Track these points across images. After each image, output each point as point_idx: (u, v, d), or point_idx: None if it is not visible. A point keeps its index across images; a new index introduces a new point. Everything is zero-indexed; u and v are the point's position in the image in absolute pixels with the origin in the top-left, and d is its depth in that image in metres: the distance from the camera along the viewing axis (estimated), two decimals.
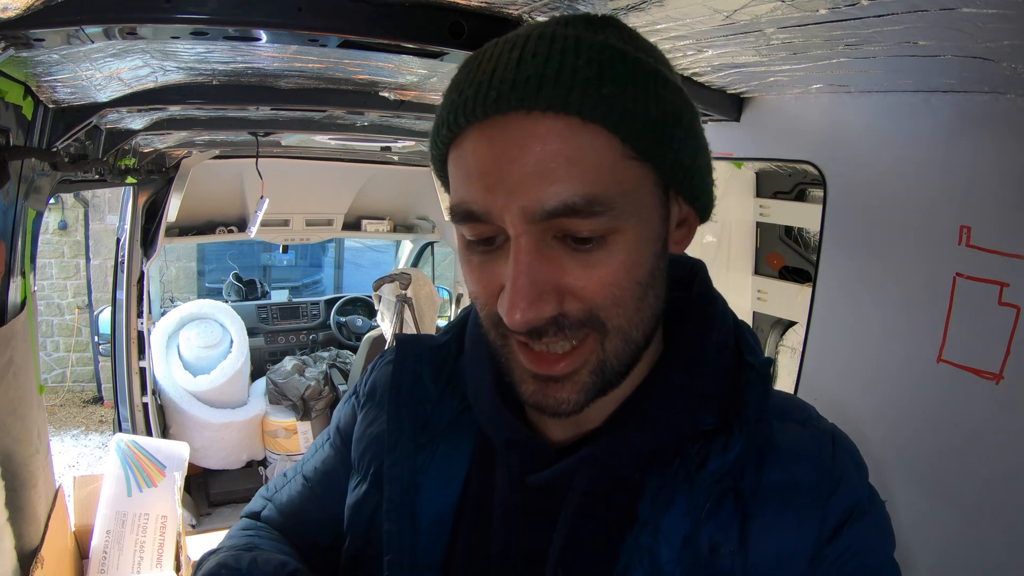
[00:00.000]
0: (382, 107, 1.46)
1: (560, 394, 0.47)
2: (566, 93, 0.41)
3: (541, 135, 0.42)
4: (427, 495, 0.57)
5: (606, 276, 0.44)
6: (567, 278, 0.44)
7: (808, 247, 1.69)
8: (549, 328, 0.45)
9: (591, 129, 0.42)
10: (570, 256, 0.44)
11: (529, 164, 0.42)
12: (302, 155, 3.00)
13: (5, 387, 1.20)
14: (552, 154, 0.42)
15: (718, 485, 0.49)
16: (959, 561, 0.96)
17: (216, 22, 0.69)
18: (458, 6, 0.72)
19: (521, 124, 0.42)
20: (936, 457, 0.99)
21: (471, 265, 0.49)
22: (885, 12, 0.63)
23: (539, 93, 0.41)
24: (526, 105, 0.42)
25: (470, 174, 0.45)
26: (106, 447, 3.30)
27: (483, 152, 0.44)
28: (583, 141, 0.42)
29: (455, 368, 0.62)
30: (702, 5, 0.67)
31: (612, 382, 0.49)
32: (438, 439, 0.59)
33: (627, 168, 0.44)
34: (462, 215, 0.46)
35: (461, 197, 0.46)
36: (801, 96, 1.13)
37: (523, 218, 0.43)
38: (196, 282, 6.60)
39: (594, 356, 0.47)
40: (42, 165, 1.28)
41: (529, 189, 0.42)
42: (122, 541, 1.79)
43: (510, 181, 0.43)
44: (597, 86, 0.42)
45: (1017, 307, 0.87)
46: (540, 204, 0.42)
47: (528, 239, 0.44)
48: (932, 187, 0.97)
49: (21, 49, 0.75)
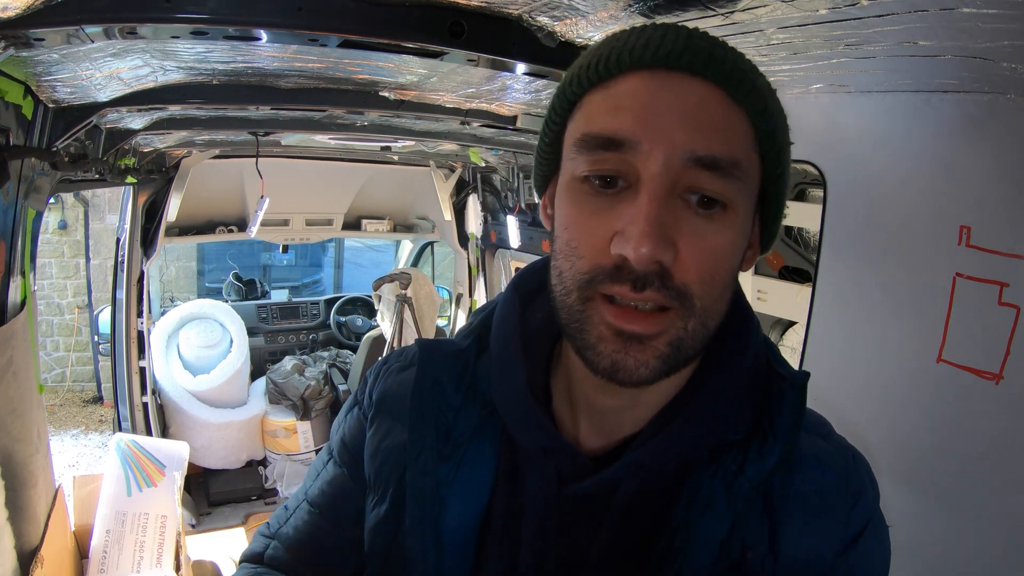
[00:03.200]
0: (382, 107, 1.46)
1: (641, 355, 0.47)
2: (729, 71, 0.46)
3: (703, 95, 0.46)
4: (452, 510, 0.55)
5: (716, 249, 0.46)
6: (681, 240, 0.46)
7: (808, 247, 1.69)
8: (656, 280, 0.45)
9: (739, 112, 0.47)
10: (689, 219, 0.46)
11: (687, 114, 0.45)
12: (302, 155, 3.00)
13: (5, 387, 1.20)
14: (709, 113, 0.46)
15: (756, 492, 0.50)
16: (958, 561, 0.96)
17: (216, 22, 0.69)
18: (458, 6, 0.73)
19: (684, 82, 0.46)
20: (936, 457, 0.99)
21: (580, 210, 0.48)
22: (885, 12, 0.63)
23: (709, 62, 0.46)
24: (695, 68, 0.45)
25: (621, 106, 0.46)
26: (106, 447, 3.30)
27: (643, 91, 0.46)
28: (733, 118, 0.47)
29: (475, 374, 0.59)
30: (702, 5, 0.67)
31: (680, 364, 0.49)
32: (462, 448, 0.56)
33: (753, 160, 0.48)
34: (600, 141, 0.46)
35: (603, 125, 0.47)
36: (801, 96, 1.13)
37: (668, 157, 0.45)
38: (196, 282, 6.60)
39: (674, 329, 0.47)
40: (42, 165, 1.28)
41: (683, 133, 0.45)
42: (122, 541, 1.79)
43: (666, 121, 0.45)
44: (752, 79, 0.47)
45: (1017, 307, 0.87)
46: (691, 148, 0.45)
47: (664, 183, 0.45)
48: (932, 187, 0.97)
49: (21, 49, 0.75)
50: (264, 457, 3.61)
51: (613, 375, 0.47)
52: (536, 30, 0.81)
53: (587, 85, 0.49)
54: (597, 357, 0.47)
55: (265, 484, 3.53)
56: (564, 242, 0.49)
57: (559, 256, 0.49)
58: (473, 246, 3.59)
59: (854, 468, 0.54)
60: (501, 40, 0.80)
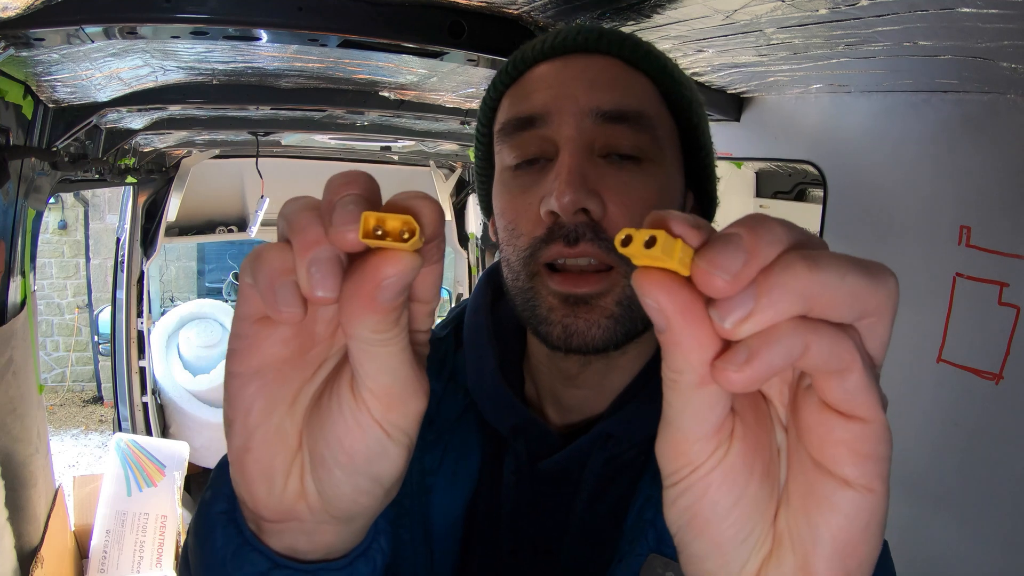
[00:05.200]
0: (382, 107, 1.46)
1: (590, 315, 0.48)
2: (620, 42, 0.51)
3: (602, 65, 0.51)
4: (439, 498, 0.56)
5: (642, 197, 0.49)
6: (608, 193, 0.48)
7: None
8: (587, 231, 0.47)
9: (638, 74, 0.51)
10: (611, 174, 0.48)
11: (588, 79, 0.50)
12: (302, 155, 3.00)
13: (5, 386, 1.20)
14: (611, 75, 0.50)
15: None
16: (958, 561, 0.96)
17: (216, 22, 0.69)
18: (458, 6, 0.73)
19: (584, 59, 0.51)
20: (936, 457, 0.99)
21: (511, 193, 0.51)
22: (885, 12, 0.63)
23: (599, 39, 0.51)
24: (588, 48, 0.51)
25: (529, 90, 0.51)
26: (106, 447, 3.30)
27: (548, 74, 0.51)
28: (632, 78, 0.51)
29: (456, 363, 0.61)
30: (702, 5, 0.67)
31: (638, 326, 0.49)
32: (445, 436, 0.57)
33: (662, 113, 0.51)
34: (516, 123, 0.50)
35: (518, 109, 0.51)
36: (801, 96, 1.13)
37: (577, 118, 0.48)
38: (196, 282, 6.60)
39: (619, 287, 0.48)
40: (42, 164, 1.28)
41: (586, 94, 0.49)
42: (122, 540, 1.79)
43: (569, 89, 0.49)
44: (645, 47, 0.52)
45: (1017, 307, 0.87)
46: (596, 104, 0.48)
47: (579, 142, 0.48)
48: (932, 187, 0.97)
49: (21, 49, 0.75)
50: None
51: (568, 342, 0.48)
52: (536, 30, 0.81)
53: (502, 88, 0.53)
54: (549, 327, 0.49)
55: None
56: (503, 228, 0.52)
57: (504, 245, 0.52)
58: (473, 246, 3.59)
59: None
60: (501, 40, 0.80)
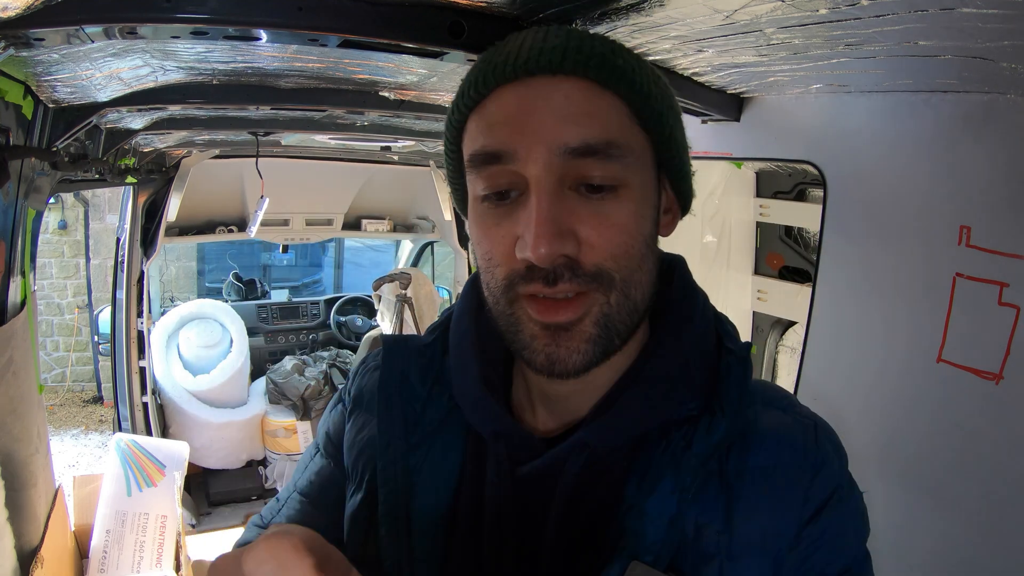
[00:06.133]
0: (382, 107, 1.46)
1: (571, 343, 0.49)
2: (586, 60, 0.48)
3: (564, 91, 0.48)
4: (421, 497, 0.57)
5: (618, 224, 0.48)
6: (582, 227, 0.48)
7: (808, 247, 1.69)
8: (565, 272, 0.47)
9: (606, 94, 0.49)
10: (584, 205, 0.48)
11: (554, 111, 0.47)
12: (302, 155, 3.00)
13: (5, 387, 1.20)
14: (575, 105, 0.48)
15: (704, 467, 0.51)
16: (957, 561, 0.96)
17: (216, 22, 0.69)
18: (458, 6, 0.72)
19: (546, 84, 0.48)
20: (935, 457, 0.99)
21: (485, 224, 0.51)
22: (885, 12, 0.63)
23: (563, 59, 0.48)
24: (551, 69, 0.48)
25: (494, 123, 0.49)
26: (106, 447, 3.30)
27: (509, 103, 0.49)
28: (600, 102, 0.49)
29: (442, 367, 0.62)
30: (702, 5, 0.67)
31: (615, 343, 0.50)
32: (430, 439, 0.59)
33: (634, 132, 0.50)
34: (483, 158, 0.49)
35: (484, 143, 0.49)
36: (801, 96, 1.13)
37: (546, 157, 0.47)
38: (196, 282, 6.60)
39: (598, 307, 0.49)
40: (42, 165, 1.28)
41: (553, 130, 0.47)
42: (122, 541, 1.79)
43: (535, 123, 0.47)
44: (612, 60, 0.49)
45: (1017, 307, 0.87)
46: (563, 142, 0.47)
47: (549, 181, 0.47)
48: (932, 187, 0.97)
49: (21, 49, 0.75)
50: (264, 457, 3.61)
51: (551, 369, 0.50)
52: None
53: (465, 111, 0.52)
54: (533, 355, 0.50)
55: (265, 484, 3.53)
56: (481, 256, 0.52)
57: (482, 270, 0.52)
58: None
59: (814, 439, 0.53)
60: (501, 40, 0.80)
